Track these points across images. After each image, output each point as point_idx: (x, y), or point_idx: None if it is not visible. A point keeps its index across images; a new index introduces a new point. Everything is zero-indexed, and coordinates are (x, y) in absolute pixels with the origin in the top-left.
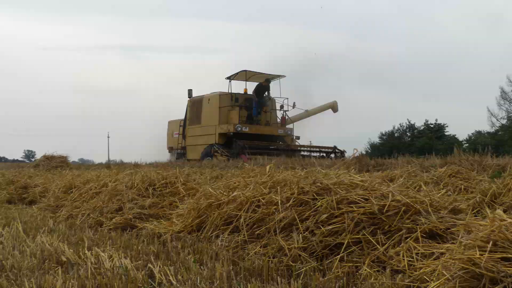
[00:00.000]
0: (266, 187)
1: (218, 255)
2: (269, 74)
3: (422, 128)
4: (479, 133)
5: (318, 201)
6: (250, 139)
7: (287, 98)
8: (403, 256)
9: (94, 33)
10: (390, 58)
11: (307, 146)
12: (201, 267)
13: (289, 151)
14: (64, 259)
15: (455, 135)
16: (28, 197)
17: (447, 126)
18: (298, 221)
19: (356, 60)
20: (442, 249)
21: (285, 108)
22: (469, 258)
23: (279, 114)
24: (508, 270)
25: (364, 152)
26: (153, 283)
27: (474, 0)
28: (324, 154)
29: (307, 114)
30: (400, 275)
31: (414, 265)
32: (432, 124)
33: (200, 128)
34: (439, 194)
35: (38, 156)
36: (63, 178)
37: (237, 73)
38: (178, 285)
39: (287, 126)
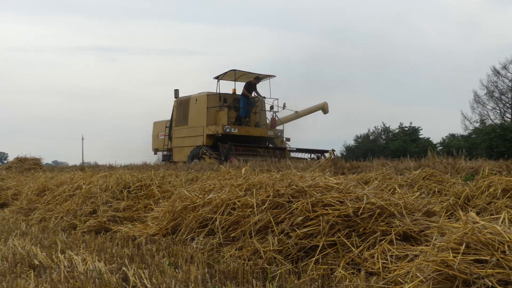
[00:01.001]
0: (241, 189)
1: (193, 258)
2: (259, 74)
3: (396, 131)
4: (452, 136)
5: (294, 204)
6: (239, 140)
7: (277, 99)
8: (377, 258)
9: (67, 34)
10: (364, 61)
11: (300, 149)
12: (176, 270)
13: (279, 150)
14: (36, 262)
15: (429, 138)
16: (0, 200)
17: (421, 129)
18: (274, 224)
19: (331, 63)
20: (416, 251)
21: (275, 109)
22: (443, 260)
23: (269, 115)
24: (481, 272)
25: (339, 155)
26: (127, 287)
27: (450, 6)
28: (315, 157)
29: (297, 115)
30: (374, 277)
31: (388, 267)
32: (406, 127)
33: (187, 129)
34: (413, 197)
35: (11, 158)
36: (36, 181)
37: (225, 73)
38: None
39: (277, 128)
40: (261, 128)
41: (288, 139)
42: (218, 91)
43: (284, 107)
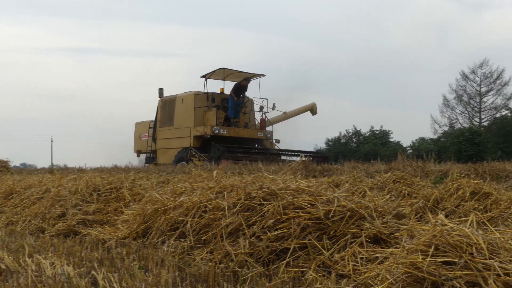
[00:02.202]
0: (213, 192)
1: (164, 261)
2: (248, 73)
3: (367, 134)
4: (422, 139)
5: (265, 207)
6: (228, 142)
7: (267, 99)
8: (348, 261)
9: (42, 34)
10: (335, 64)
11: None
12: (146, 273)
13: (273, 154)
14: (3, 267)
15: (400, 141)
16: None
17: (391, 133)
18: (245, 227)
19: (305, 66)
20: (386, 253)
21: (265, 109)
22: (412, 262)
23: (258, 115)
24: (449, 273)
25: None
26: None
27: (422, 9)
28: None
29: (286, 116)
30: (345, 280)
31: (358, 270)
32: (377, 130)
33: (172, 130)
34: (384, 199)
35: None
36: (3, 183)
37: (213, 71)
38: None
39: (266, 129)
40: (250, 129)
41: (278, 141)
42: (205, 91)
43: (273, 107)
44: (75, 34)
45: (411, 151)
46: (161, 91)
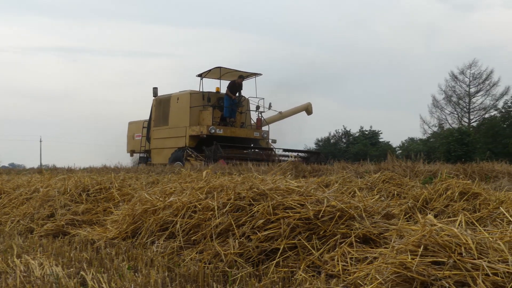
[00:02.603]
0: (202, 192)
1: (153, 262)
2: (245, 72)
3: (357, 134)
4: (411, 140)
5: (255, 207)
6: (224, 142)
7: (263, 98)
8: (337, 261)
9: (29, 33)
10: (326, 65)
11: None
12: (136, 274)
13: (271, 155)
14: None
15: (389, 141)
16: None
17: (381, 133)
18: (235, 227)
19: (294, 67)
20: (375, 253)
21: (261, 109)
22: (401, 262)
23: (254, 115)
24: (438, 273)
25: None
26: None
27: (411, 11)
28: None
29: (281, 116)
30: (334, 280)
31: (348, 270)
32: (367, 131)
33: (167, 130)
34: (373, 200)
35: None
36: None
37: (209, 70)
38: None
39: (263, 129)
40: (246, 129)
41: (274, 141)
42: (201, 90)
43: (270, 107)
44: (62, 33)
45: (400, 151)
46: (155, 90)
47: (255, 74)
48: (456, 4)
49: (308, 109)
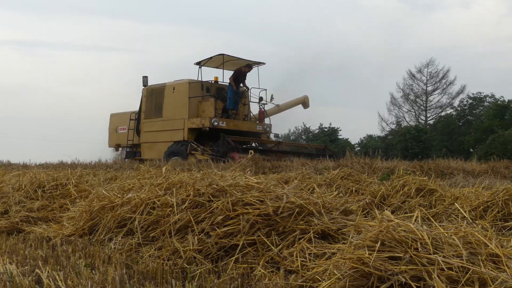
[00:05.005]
0: (161, 188)
1: (111, 259)
2: (249, 60)
3: (316, 131)
4: (370, 137)
5: (214, 203)
6: (227, 135)
7: (266, 90)
8: (296, 257)
9: None
10: (286, 63)
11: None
12: (93, 271)
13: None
14: None
15: (348, 138)
16: None
17: (340, 130)
18: (194, 223)
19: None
20: (333, 249)
21: (264, 101)
22: (359, 258)
23: (253, 108)
24: (395, 268)
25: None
26: None
27: (372, 8)
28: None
29: (279, 109)
30: (293, 275)
31: (307, 265)
32: (326, 128)
33: (161, 122)
34: (332, 196)
35: None
36: None
37: (210, 58)
38: None
39: (265, 122)
40: (250, 122)
41: (277, 135)
42: (200, 79)
43: (271, 99)
44: (18, 26)
45: (359, 148)
46: (145, 79)
47: (259, 63)
48: (417, 4)
49: (305, 102)
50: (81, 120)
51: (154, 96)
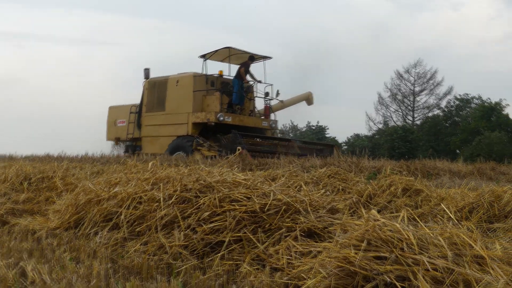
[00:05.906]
0: (148, 183)
1: (96, 253)
2: (256, 54)
3: (304, 129)
4: (357, 136)
5: (201, 199)
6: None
7: (272, 85)
8: (282, 254)
9: None
10: (274, 61)
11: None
12: (78, 265)
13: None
14: None
15: (335, 137)
16: None
17: (328, 128)
18: (180, 219)
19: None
20: (319, 247)
21: (269, 96)
22: (345, 257)
23: (259, 103)
24: (380, 268)
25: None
26: (25, 282)
27: (359, 9)
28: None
29: (282, 105)
30: (278, 273)
31: (292, 263)
32: (314, 126)
33: (164, 116)
34: (318, 194)
35: None
36: None
37: (216, 51)
38: (52, 284)
39: (271, 118)
40: (256, 117)
41: (282, 132)
42: (205, 72)
43: (277, 94)
44: (6, 18)
45: (346, 147)
46: (147, 71)
47: (264, 57)
48: (404, 4)
49: (309, 99)
50: (69, 113)
51: (156, 89)
